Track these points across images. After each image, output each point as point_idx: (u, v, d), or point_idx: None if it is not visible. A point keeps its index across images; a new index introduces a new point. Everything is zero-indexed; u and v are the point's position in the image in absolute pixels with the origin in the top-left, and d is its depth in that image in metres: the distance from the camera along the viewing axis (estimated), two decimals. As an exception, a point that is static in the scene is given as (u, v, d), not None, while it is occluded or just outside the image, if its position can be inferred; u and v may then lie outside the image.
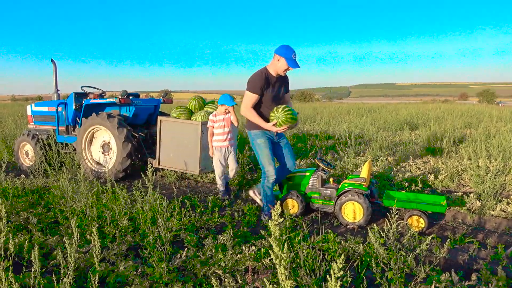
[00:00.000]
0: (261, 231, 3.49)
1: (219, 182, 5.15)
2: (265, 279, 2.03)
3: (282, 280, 1.68)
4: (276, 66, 3.96)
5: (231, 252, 2.99)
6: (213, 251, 3.09)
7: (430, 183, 5.42)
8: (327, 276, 2.69)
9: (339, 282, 1.53)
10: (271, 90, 4.05)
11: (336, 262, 1.55)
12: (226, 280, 2.57)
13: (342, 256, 1.76)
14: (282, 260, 1.70)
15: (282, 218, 1.90)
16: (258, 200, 4.61)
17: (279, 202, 2.89)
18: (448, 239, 3.49)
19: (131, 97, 6.38)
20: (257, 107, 4.08)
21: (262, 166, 4.14)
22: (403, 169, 6.27)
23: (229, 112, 5.01)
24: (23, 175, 6.08)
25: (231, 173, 5.25)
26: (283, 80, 4.18)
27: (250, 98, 4.00)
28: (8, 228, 3.58)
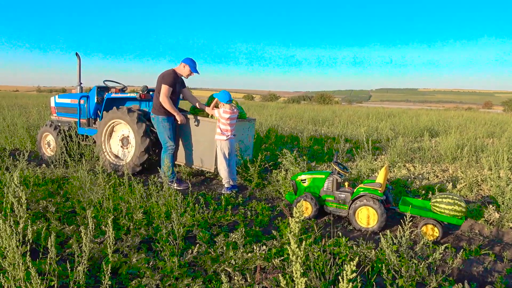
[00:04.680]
0: (273, 231, 3.50)
1: (225, 174, 5.32)
2: (279, 275, 2.04)
3: (297, 277, 1.69)
4: (182, 70, 5.58)
5: (242, 250, 3.01)
6: (224, 248, 3.12)
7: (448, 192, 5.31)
8: (337, 280, 2.68)
9: (350, 284, 1.52)
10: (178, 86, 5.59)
11: (349, 265, 1.55)
12: (235, 277, 2.59)
13: (357, 259, 1.76)
14: (299, 258, 1.71)
15: (303, 217, 1.92)
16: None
17: (295, 201, 2.87)
18: (463, 250, 3.41)
19: (151, 92, 6.48)
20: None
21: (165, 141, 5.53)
22: (420, 176, 6.17)
23: (235, 109, 5.46)
24: (44, 165, 6.25)
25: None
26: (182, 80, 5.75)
27: (168, 89, 5.39)
28: (27, 215, 3.69)
